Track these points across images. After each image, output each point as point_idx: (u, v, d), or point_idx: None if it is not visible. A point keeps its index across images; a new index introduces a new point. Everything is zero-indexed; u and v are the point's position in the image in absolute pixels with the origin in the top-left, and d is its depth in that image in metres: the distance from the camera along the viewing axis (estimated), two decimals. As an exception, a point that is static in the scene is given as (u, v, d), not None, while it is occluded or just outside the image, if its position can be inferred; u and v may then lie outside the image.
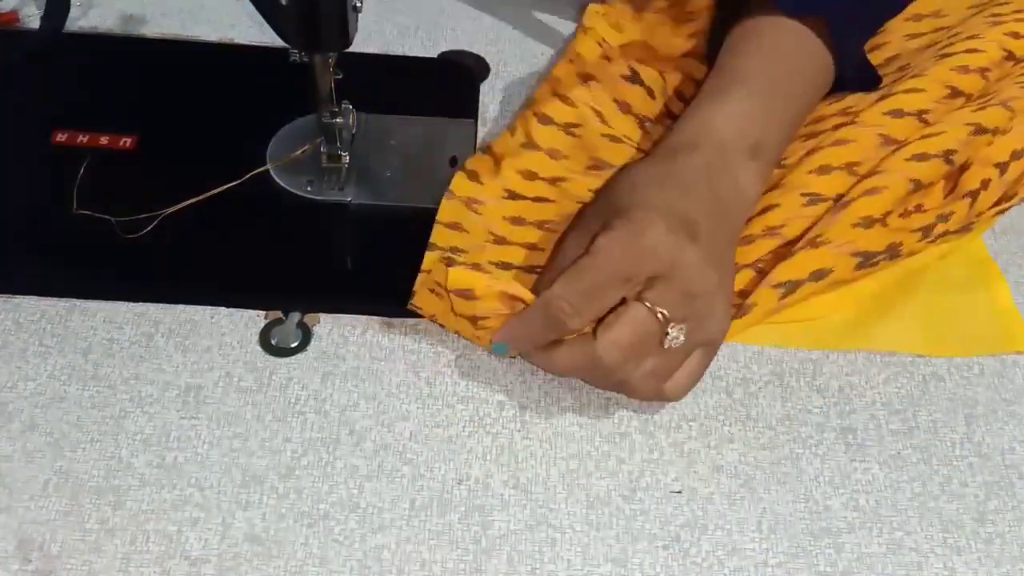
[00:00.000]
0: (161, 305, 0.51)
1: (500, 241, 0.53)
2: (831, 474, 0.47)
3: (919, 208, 0.55)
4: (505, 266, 0.52)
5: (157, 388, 0.48)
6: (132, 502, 0.44)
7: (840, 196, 0.53)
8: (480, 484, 0.45)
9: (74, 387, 0.47)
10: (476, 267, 0.50)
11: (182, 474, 0.45)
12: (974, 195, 0.55)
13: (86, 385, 0.48)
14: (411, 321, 0.51)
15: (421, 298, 0.50)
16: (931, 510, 0.46)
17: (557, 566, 0.43)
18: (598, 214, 0.48)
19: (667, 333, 0.44)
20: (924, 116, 0.56)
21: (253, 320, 0.51)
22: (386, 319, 0.51)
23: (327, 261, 0.55)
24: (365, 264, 0.55)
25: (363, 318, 0.51)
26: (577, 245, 0.47)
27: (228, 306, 0.51)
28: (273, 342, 0.50)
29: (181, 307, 0.51)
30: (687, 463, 0.47)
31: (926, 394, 0.50)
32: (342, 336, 0.50)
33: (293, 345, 0.50)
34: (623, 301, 0.45)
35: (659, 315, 0.44)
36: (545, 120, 0.57)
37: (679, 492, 0.46)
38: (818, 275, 0.50)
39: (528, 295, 0.46)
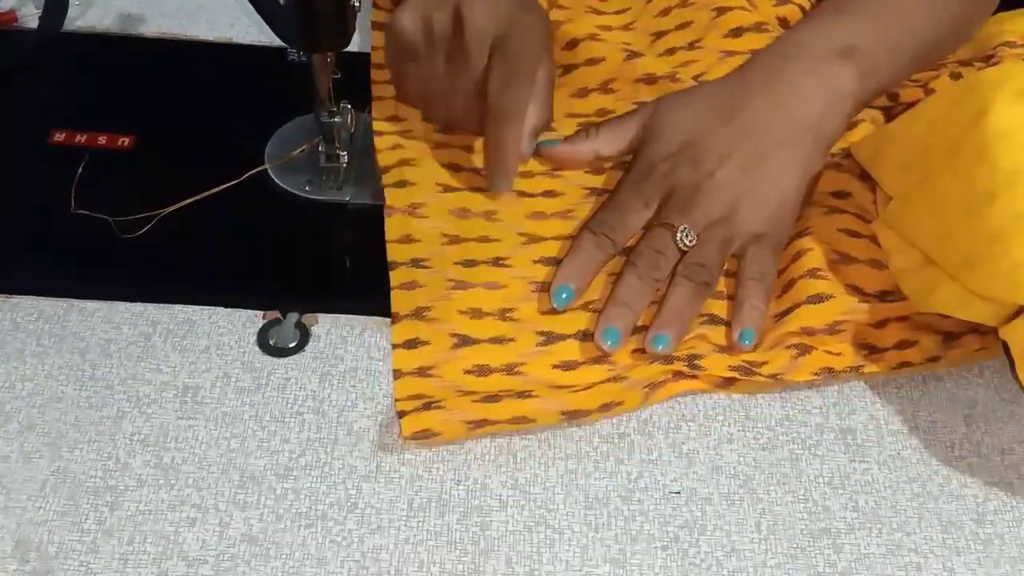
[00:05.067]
0: (159, 305, 0.51)
1: (454, 240, 0.53)
2: (830, 475, 0.47)
3: None
4: (470, 263, 0.52)
5: (155, 388, 0.48)
6: (129, 502, 0.43)
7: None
8: (478, 485, 0.45)
9: (72, 387, 0.47)
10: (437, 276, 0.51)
11: (179, 474, 0.45)
12: None
13: (84, 385, 0.47)
14: (409, 321, 0.51)
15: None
16: (930, 511, 0.46)
17: (556, 567, 0.43)
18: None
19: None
20: None
21: (251, 320, 0.51)
22: (384, 319, 0.51)
23: (325, 261, 0.55)
24: (363, 264, 0.54)
25: (361, 318, 0.51)
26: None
27: (226, 306, 0.51)
28: (271, 342, 0.50)
29: (179, 307, 0.51)
30: (686, 464, 0.47)
31: (925, 394, 0.50)
32: (340, 336, 0.50)
33: (291, 345, 0.50)
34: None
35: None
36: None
37: (678, 493, 0.46)
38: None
39: (493, 413, 0.46)
